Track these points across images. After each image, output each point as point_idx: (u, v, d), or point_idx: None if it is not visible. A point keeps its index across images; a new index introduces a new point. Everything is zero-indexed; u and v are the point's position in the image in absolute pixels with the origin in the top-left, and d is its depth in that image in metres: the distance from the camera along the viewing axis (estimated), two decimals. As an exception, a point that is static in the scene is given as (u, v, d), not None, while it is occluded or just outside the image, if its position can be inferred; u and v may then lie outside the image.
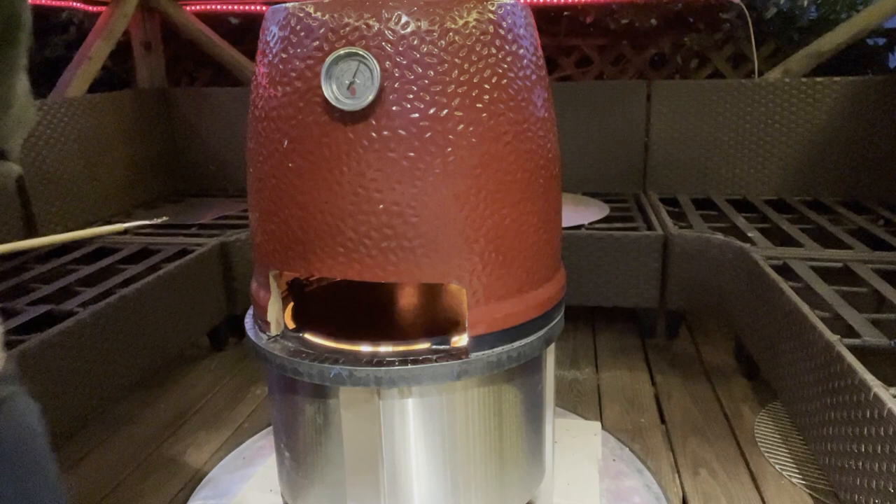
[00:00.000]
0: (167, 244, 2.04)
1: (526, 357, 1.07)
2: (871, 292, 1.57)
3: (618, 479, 1.46)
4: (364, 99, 0.92)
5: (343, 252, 0.99)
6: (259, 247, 1.11)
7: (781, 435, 1.63)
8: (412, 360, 1.01)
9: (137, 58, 2.83)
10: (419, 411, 1.06)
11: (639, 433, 1.67)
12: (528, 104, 1.02)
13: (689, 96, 2.49)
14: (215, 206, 2.55)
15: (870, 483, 1.07)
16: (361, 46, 0.93)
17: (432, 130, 0.94)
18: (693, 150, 2.53)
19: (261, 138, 1.04)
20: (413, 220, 0.96)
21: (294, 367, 1.05)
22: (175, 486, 1.51)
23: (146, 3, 2.76)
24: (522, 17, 1.03)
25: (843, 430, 1.17)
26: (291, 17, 0.98)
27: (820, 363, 1.27)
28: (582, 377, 1.97)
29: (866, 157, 2.39)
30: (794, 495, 1.42)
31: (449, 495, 1.10)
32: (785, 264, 1.72)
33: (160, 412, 1.82)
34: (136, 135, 2.61)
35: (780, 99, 2.42)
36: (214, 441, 1.68)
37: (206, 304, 1.99)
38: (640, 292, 2.05)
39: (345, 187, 0.97)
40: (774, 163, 2.48)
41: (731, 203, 2.39)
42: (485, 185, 0.98)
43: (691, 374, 1.96)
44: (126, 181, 2.54)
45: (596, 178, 2.62)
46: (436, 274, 0.99)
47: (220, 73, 3.05)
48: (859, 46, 2.61)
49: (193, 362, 2.11)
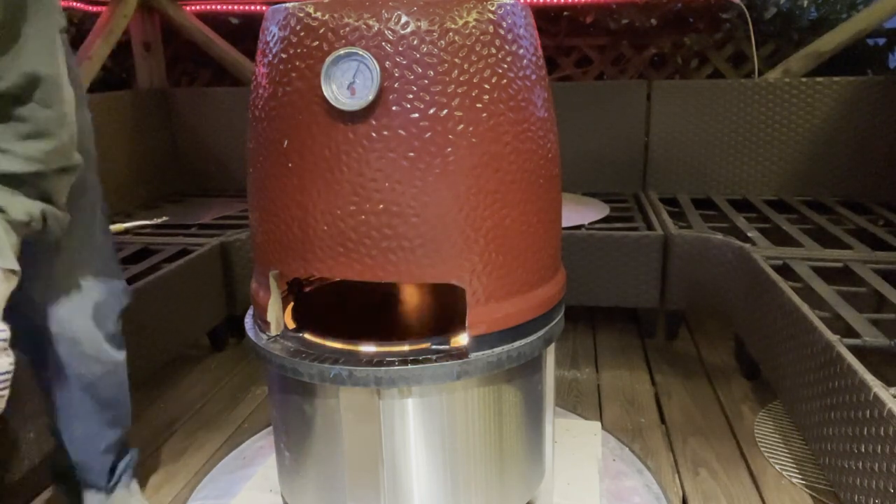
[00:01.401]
0: (167, 244, 2.04)
1: (526, 357, 1.07)
2: (871, 292, 1.57)
3: (618, 479, 1.46)
4: (364, 99, 0.92)
5: (343, 252, 0.99)
6: (259, 247, 1.11)
7: (781, 435, 1.63)
8: (412, 360, 1.01)
9: (137, 58, 2.83)
10: (419, 411, 1.06)
11: (639, 433, 1.67)
12: (528, 104, 1.02)
13: (689, 96, 2.49)
14: (215, 206, 2.55)
15: (870, 483, 1.07)
16: (361, 46, 0.93)
17: (432, 130, 0.94)
18: (693, 150, 2.53)
19: (261, 138, 1.04)
20: (413, 220, 0.96)
21: (294, 367, 1.05)
22: (175, 486, 1.51)
23: (146, 3, 2.76)
24: (522, 17, 1.03)
25: (843, 430, 1.17)
26: (291, 17, 0.98)
27: (820, 363, 1.27)
28: (582, 377, 1.97)
29: (866, 157, 2.39)
30: (794, 495, 1.42)
31: (449, 495, 1.10)
32: (785, 264, 1.72)
33: (160, 412, 1.82)
34: (136, 135, 2.61)
35: (780, 99, 2.42)
36: (214, 441, 1.68)
37: (206, 304, 1.99)
38: (640, 292, 2.05)
39: (345, 187, 0.97)
40: (774, 163, 2.48)
41: (731, 203, 2.39)
42: (485, 185, 0.98)
43: (691, 374, 1.96)
44: (126, 181, 2.54)
45: (596, 178, 2.62)
46: (436, 274, 0.99)
47: (220, 73, 3.05)
48: (859, 46, 2.61)
49: (193, 362, 2.11)
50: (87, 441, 1.26)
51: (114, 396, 1.26)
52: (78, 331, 1.18)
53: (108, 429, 1.27)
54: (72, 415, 1.24)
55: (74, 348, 1.18)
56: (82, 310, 1.18)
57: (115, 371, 1.25)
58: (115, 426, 1.29)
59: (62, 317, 1.16)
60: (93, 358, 1.20)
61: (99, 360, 1.21)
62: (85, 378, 1.21)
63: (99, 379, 1.22)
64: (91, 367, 1.20)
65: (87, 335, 1.19)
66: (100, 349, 1.21)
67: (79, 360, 1.19)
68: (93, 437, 1.26)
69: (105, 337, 1.22)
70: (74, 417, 1.24)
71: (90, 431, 1.26)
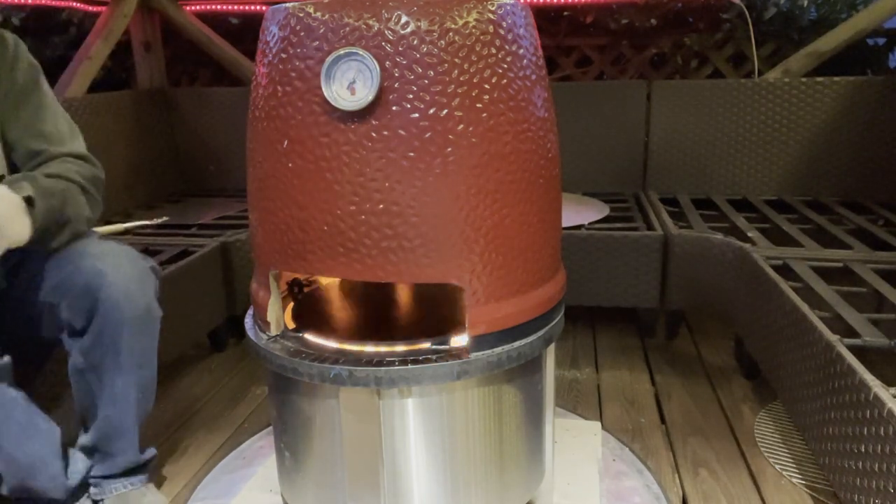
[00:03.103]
0: (167, 245, 2.04)
1: (526, 357, 1.07)
2: (871, 292, 1.57)
3: (618, 479, 1.46)
4: (364, 99, 0.92)
5: (343, 252, 0.99)
6: (259, 247, 1.11)
7: (781, 435, 1.63)
8: (412, 360, 1.02)
9: (137, 58, 2.83)
10: (419, 411, 1.06)
11: (639, 433, 1.67)
12: (528, 104, 1.02)
13: (689, 96, 2.49)
14: (215, 206, 2.54)
15: (870, 483, 1.07)
16: (361, 46, 0.93)
17: (432, 130, 0.94)
18: (693, 150, 2.53)
19: (261, 138, 1.04)
20: (413, 220, 0.96)
21: (294, 367, 1.05)
22: (175, 486, 1.51)
23: (146, 3, 2.76)
24: (522, 17, 1.03)
25: (843, 430, 1.17)
26: (291, 17, 0.98)
27: (820, 363, 1.27)
28: (582, 377, 1.97)
29: (866, 157, 2.39)
30: (794, 495, 1.42)
31: (449, 495, 1.10)
32: (785, 264, 1.72)
33: (160, 412, 1.82)
34: (136, 135, 2.61)
35: (780, 99, 2.42)
36: (214, 441, 1.68)
37: (207, 304, 1.99)
38: (640, 292, 2.05)
39: (345, 187, 0.97)
40: (774, 163, 2.48)
41: (731, 203, 2.39)
42: (485, 185, 0.98)
43: (691, 374, 1.96)
44: (126, 181, 2.54)
45: (596, 178, 2.61)
46: (436, 274, 0.99)
47: (220, 73, 3.05)
48: (859, 46, 2.61)
49: (193, 362, 2.11)
50: (125, 401, 1.29)
51: (148, 358, 1.30)
52: (127, 274, 1.23)
53: (140, 393, 1.30)
54: (115, 367, 1.25)
55: (126, 287, 1.21)
56: (129, 257, 1.26)
57: (154, 328, 1.29)
58: (146, 393, 1.33)
59: (112, 262, 1.22)
60: (141, 304, 1.24)
61: (146, 306, 1.25)
62: (131, 325, 1.23)
63: (142, 329, 1.26)
64: (137, 311, 1.23)
65: (136, 279, 1.24)
66: (146, 294, 1.25)
67: (127, 302, 1.21)
68: (128, 398, 1.29)
69: (148, 287, 1.27)
70: (117, 372, 1.26)
71: (128, 391, 1.28)
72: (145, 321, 1.26)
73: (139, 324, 1.24)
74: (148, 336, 1.28)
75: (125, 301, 1.21)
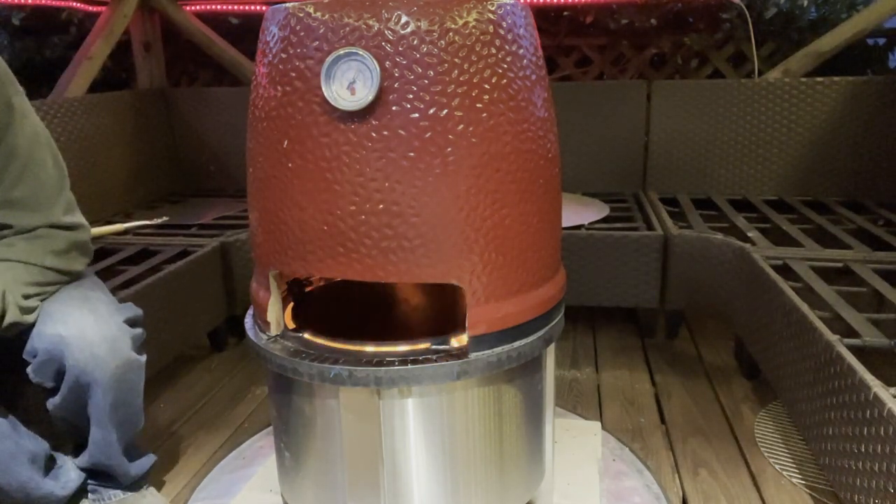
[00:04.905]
0: (167, 245, 2.04)
1: (526, 357, 1.07)
2: (871, 292, 1.57)
3: (618, 479, 1.46)
4: (364, 99, 0.92)
5: (343, 252, 0.99)
6: (259, 247, 1.11)
7: (781, 435, 1.63)
8: (412, 360, 1.02)
9: (137, 58, 2.84)
10: (419, 411, 1.06)
11: (639, 433, 1.67)
12: (528, 104, 1.02)
13: (689, 96, 2.49)
14: (215, 206, 2.54)
15: (870, 483, 1.07)
16: (361, 46, 0.93)
17: (432, 130, 0.94)
18: (693, 150, 2.53)
19: (261, 138, 1.04)
20: (413, 220, 0.96)
21: (294, 367, 1.05)
22: (175, 486, 1.51)
23: (146, 3, 2.76)
24: (522, 17, 1.03)
25: (843, 430, 1.17)
26: (291, 17, 0.98)
27: (820, 363, 1.27)
28: (582, 377, 1.97)
29: (866, 157, 2.39)
30: (794, 495, 1.42)
31: (449, 495, 1.10)
32: (785, 264, 1.72)
33: (160, 412, 1.82)
34: (136, 135, 2.61)
35: (780, 99, 2.42)
36: (214, 441, 1.68)
37: (206, 304, 1.99)
38: (640, 292, 2.05)
39: (345, 187, 0.97)
40: (774, 163, 2.48)
41: (731, 203, 2.39)
42: (485, 185, 0.98)
43: (691, 374, 1.96)
44: (126, 181, 2.53)
45: (596, 178, 2.61)
46: (436, 274, 0.99)
47: (220, 73, 3.05)
48: (859, 46, 2.61)
49: (193, 362, 2.11)
50: (106, 444, 1.27)
51: (128, 403, 1.26)
52: (90, 340, 1.18)
53: (121, 433, 1.28)
54: (93, 421, 1.24)
55: (91, 352, 1.18)
56: (97, 317, 1.21)
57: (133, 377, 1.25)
58: (128, 427, 1.30)
59: (76, 327, 1.18)
60: (111, 365, 1.20)
61: (121, 364, 1.21)
62: (103, 385, 1.20)
63: (117, 385, 1.22)
64: (107, 373, 1.19)
65: (104, 341, 1.20)
66: (117, 354, 1.21)
67: (96, 366, 1.18)
68: (109, 440, 1.27)
69: (121, 345, 1.22)
70: (95, 423, 1.24)
71: (108, 436, 1.26)
72: (119, 378, 1.21)
73: (112, 381, 1.20)
74: (125, 386, 1.23)
75: (93, 365, 1.17)
